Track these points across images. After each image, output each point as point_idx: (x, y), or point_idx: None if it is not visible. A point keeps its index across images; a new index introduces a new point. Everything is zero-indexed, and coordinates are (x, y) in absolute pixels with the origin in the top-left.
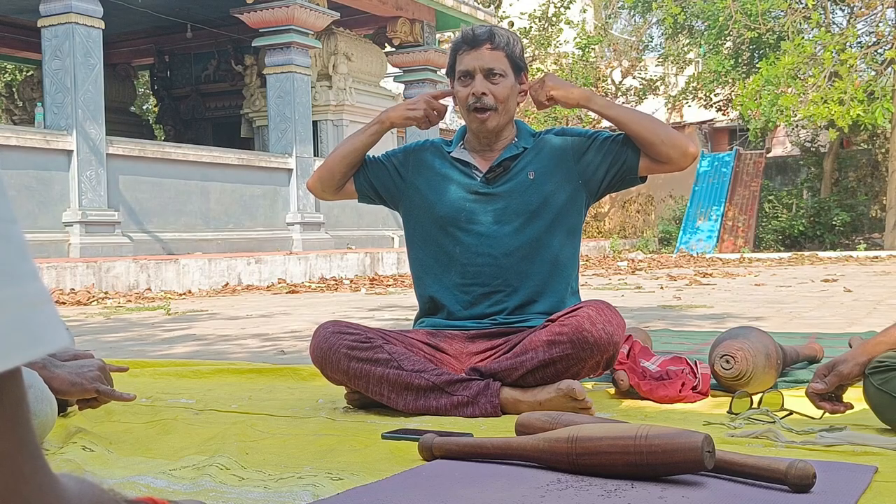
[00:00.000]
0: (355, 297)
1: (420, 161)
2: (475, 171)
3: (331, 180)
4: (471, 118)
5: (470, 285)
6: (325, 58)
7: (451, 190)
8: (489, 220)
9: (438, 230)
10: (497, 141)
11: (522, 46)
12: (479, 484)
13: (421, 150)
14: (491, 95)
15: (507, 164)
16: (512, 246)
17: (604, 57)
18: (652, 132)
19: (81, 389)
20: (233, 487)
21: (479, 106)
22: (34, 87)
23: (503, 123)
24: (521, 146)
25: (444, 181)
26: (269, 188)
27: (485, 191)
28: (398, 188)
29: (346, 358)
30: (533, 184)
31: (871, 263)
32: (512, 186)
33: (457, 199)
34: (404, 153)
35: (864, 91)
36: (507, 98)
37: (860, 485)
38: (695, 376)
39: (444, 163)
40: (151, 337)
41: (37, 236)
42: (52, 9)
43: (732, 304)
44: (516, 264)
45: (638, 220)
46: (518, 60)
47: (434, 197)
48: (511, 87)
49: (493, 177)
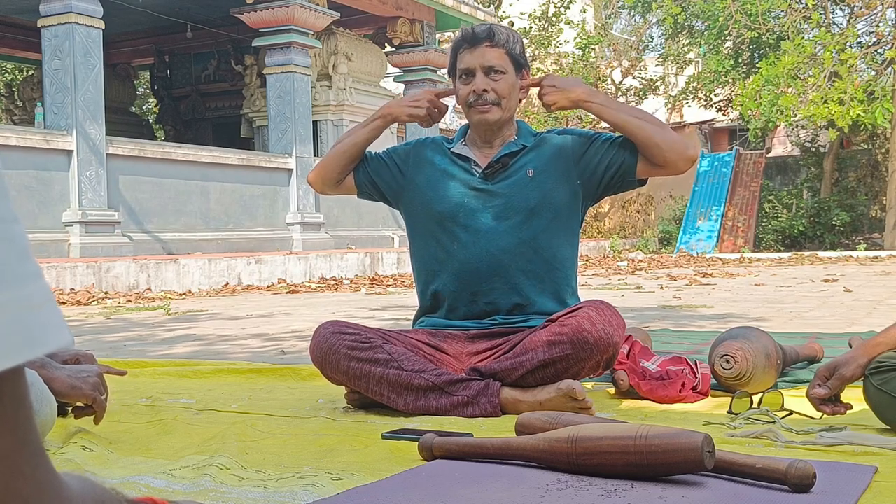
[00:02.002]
0: (355, 297)
1: (420, 157)
2: (475, 166)
3: (330, 174)
4: (472, 112)
5: (468, 282)
6: (325, 58)
7: (450, 186)
8: (488, 217)
9: (437, 226)
10: (497, 136)
11: (523, 44)
12: (479, 484)
13: (422, 147)
14: (492, 92)
15: (506, 160)
16: (510, 243)
17: (604, 57)
18: (650, 135)
19: (80, 394)
20: (233, 487)
21: (481, 102)
22: (34, 87)
23: (505, 118)
24: (521, 143)
25: (443, 177)
26: (269, 188)
27: (483, 187)
28: (398, 184)
29: (346, 358)
30: (532, 181)
31: (871, 263)
32: (511, 183)
33: (455, 195)
34: (405, 150)
35: (864, 91)
36: (509, 94)
37: (860, 485)
38: (695, 376)
39: (445, 158)
40: (151, 337)
41: (37, 236)
42: (52, 9)
43: (732, 304)
44: (514, 261)
45: (638, 219)
46: (518, 57)
47: (433, 193)
48: (512, 83)
49: (492, 173)
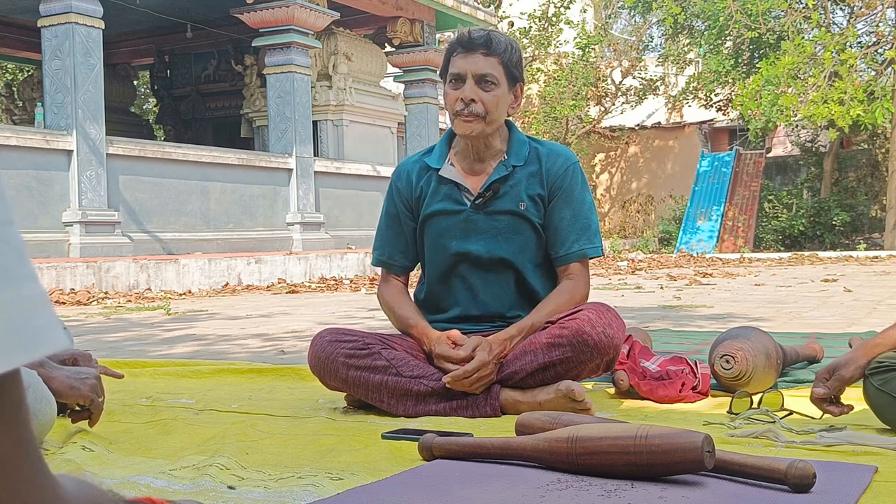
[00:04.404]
0: (355, 297)
1: (409, 194)
2: (466, 193)
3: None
4: (456, 122)
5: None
6: (325, 58)
7: (442, 210)
8: (477, 244)
9: (433, 245)
10: (486, 150)
11: (521, 56)
12: (479, 484)
13: (404, 185)
14: (480, 103)
15: (496, 186)
16: (498, 269)
17: (604, 57)
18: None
19: (78, 394)
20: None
21: (466, 112)
22: (34, 87)
23: (488, 133)
24: (511, 164)
25: (434, 202)
26: (268, 188)
27: (475, 217)
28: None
29: (345, 366)
30: (523, 213)
31: (871, 263)
32: (501, 212)
33: (446, 220)
34: (395, 193)
35: (864, 91)
36: (496, 108)
37: (860, 485)
38: (695, 376)
39: (432, 183)
40: (151, 337)
41: (37, 236)
42: (52, 9)
43: (732, 304)
44: (497, 287)
45: (638, 219)
46: (513, 69)
47: (425, 217)
48: (502, 97)
49: (483, 203)
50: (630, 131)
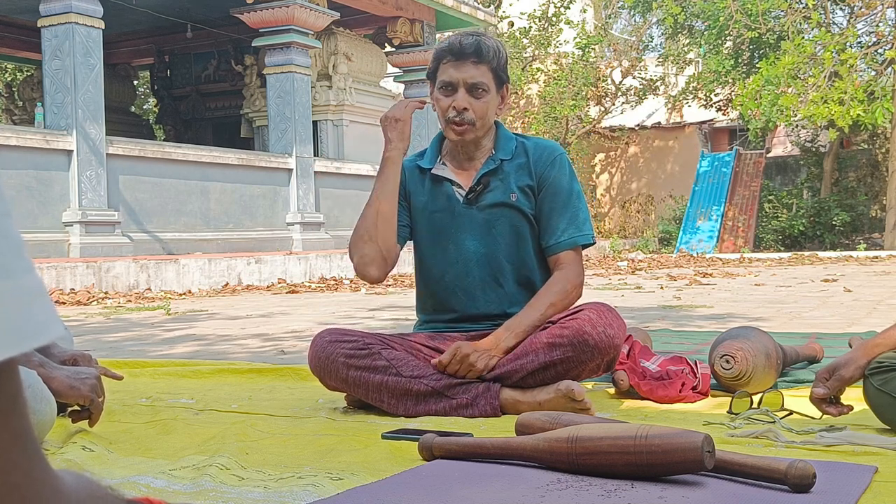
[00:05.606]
0: (355, 297)
1: (404, 189)
2: (457, 189)
3: (375, 254)
4: (448, 129)
5: (464, 303)
6: (325, 58)
7: (437, 209)
8: (475, 239)
9: (430, 245)
10: (476, 150)
11: (507, 57)
12: (479, 484)
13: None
14: (472, 111)
15: (486, 180)
16: (496, 265)
17: (604, 57)
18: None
19: (78, 394)
20: (233, 487)
21: (459, 120)
22: (34, 87)
23: (480, 136)
24: (499, 158)
25: (429, 201)
26: (268, 188)
27: (469, 212)
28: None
29: (345, 367)
30: (515, 204)
31: (871, 263)
32: (493, 204)
33: (441, 218)
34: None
35: (864, 91)
36: (486, 114)
37: (860, 485)
38: (695, 376)
39: (424, 181)
40: (151, 337)
41: (37, 236)
42: (52, 9)
43: (733, 304)
44: (496, 284)
45: (638, 219)
46: (501, 73)
47: (423, 220)
48: (491, 102)
49: (475, 196)
50: (630, 131)
